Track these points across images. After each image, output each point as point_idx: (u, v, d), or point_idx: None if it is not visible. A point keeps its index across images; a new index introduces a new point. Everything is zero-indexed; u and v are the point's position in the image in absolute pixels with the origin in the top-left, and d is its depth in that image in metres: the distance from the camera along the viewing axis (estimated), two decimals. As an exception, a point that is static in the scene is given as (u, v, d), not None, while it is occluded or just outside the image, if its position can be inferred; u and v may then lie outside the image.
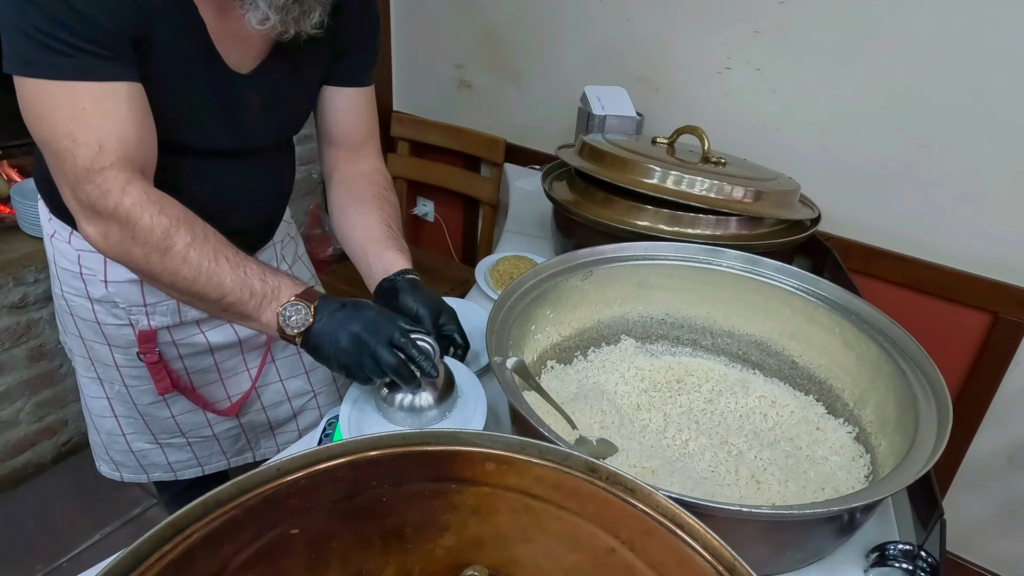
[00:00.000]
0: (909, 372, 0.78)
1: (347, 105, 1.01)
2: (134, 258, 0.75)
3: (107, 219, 0.73)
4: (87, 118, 0.70)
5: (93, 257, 0.95)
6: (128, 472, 1.17)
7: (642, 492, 0.54)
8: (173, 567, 0.46)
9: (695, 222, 1.11)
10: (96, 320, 0.99)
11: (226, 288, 0.75)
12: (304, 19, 0.78)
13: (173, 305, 0.99)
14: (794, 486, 0.77)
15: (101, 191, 0.72)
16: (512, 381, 0.73)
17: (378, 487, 0.52)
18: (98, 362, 1.04)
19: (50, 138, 0.71)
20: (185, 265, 0.74)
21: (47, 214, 0.98)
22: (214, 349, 1.07)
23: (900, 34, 1.31)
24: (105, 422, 1.11)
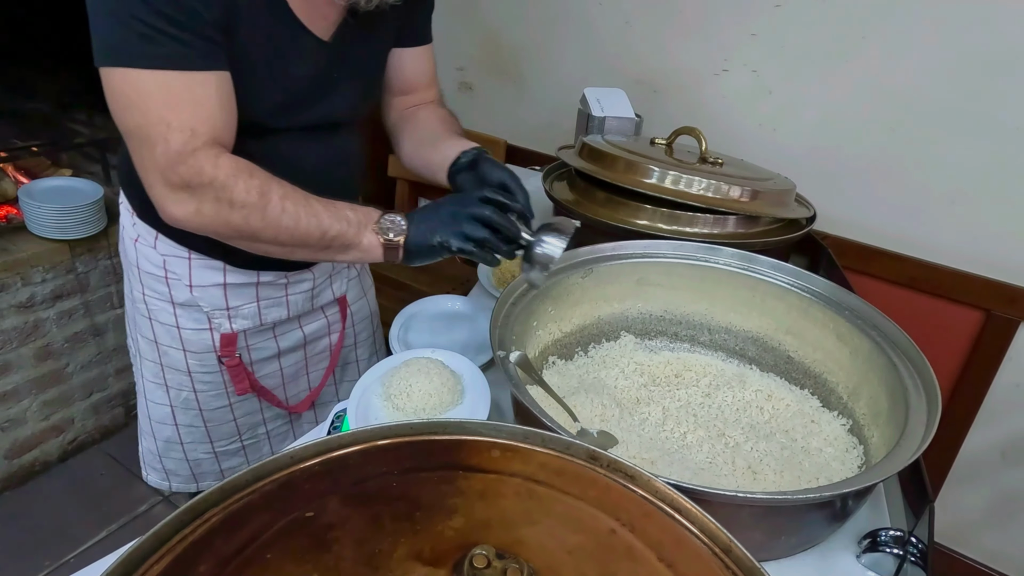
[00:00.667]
0: (900, 365, 0.80)
1: (412, 63, 1.05)
2: (233, 223, 0.77)
3: (201, 195, 0.75)
4: (181, 105, 0.72)
5: (179, 262, 0.97)
6: (178, 482, 1.18)
7: (641, 478, 0.56)
8: (194, 548, 0.48)
9: (693, 221, 1.13)
10: (176, 324, 1.01)
11: (325, 224, 0.79)
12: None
13: (254, 309, 1.02)
14: (789, 476, 0.80)
15: (194, 170, 0.73)
16: (516, 374, 0.75)
17: (388, 473, 0.55)
18: (169, 368, 1.05)
19: (143, 124, 0.72)
20: (285, 215, 0.77)
21: (131, 219, 1.00)
22: (281, 353, 1.09)
23: (892, 37, 1.34)
24: (165, 429, 1.12)
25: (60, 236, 1.68)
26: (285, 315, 1.05)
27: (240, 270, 0.98)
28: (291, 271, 1.03)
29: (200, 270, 0.97)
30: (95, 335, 1.86)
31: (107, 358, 1.91)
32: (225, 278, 0.98)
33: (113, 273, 1.84)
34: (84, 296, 1.79)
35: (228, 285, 0.99)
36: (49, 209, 1.66)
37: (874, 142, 1.42)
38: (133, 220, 0.99)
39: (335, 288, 1.12)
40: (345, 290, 1.15)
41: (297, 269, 1.04)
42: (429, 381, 0.80)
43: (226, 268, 0.98)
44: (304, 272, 1.05)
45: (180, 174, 0.74)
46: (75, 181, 1.81)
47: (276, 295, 1.03)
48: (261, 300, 1.02)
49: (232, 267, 0.98)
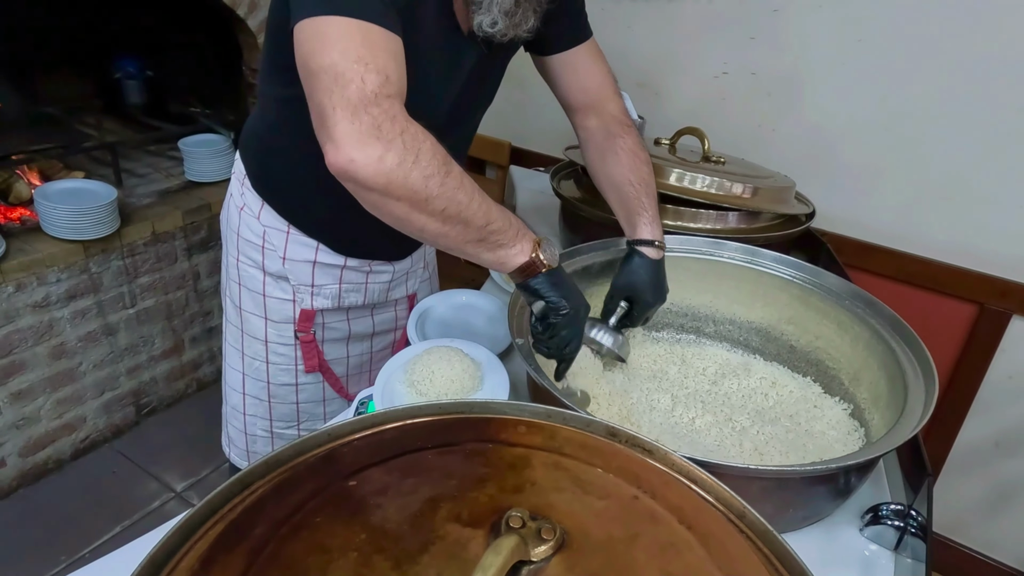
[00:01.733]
0: (898, 349, 0.84)
1: (568, 66, 1.04)
2: (411, 181, 0.72)
3: (388, 143, 0.70)
4: (377, 52, 0.71)
5: (278, 235, 1.01)
6: (235, 453, 1.22)
7: (659, 452, 0.60)
8: (247, 513, 0.51)
9: (696, 217, 1.17)
10: (263, 292, 1.05)
11: (493, 215, 0.76)
12: (523, 23, 0.83)
13: (336, 290, 1.06)
14: (794, 457, 0.83)
15: (388, 115, 0.71)
16: (534, 359, 0.79)
17: (423, 447, 0.58)
18: (248, 335, 1.10)
19: (338, 62, 0.70)
20: (461, 190, 0.74)
21: (241, 188, 1.04)
22: (351, 338, 1.13)
23: (888, 39, 1.38)
24: (233, 395, 1.16)
25: (75, 237, 1.71)
26: (361, 301, 1.09)
27: (331, 252, 1.03)
28: (375, 260, 1.07)
29: (295, 245, 1.02)
30: (108, 334, 1.89)
31: (119, 357, 1.94)
32: (316, 256, 1.03)
33: (126, 273, 1.87)
34: (97, 296, 1.82)
35: (317, 264, 1.03)
36: (64, 210, 1.69)
37: (870, 142, 1.47)
38: (243, 189, 1.04)
39: (409, 285, 1.17)
40: (416, 289, 1.19)
41: (380, 260, 1.08)
42: (451, 367, 0.83)
43: (318, 247, 1.02)
44: (386, 264, 1.10)
45: (373, 115, 0.70)
46: (89, 183, 1.84)
47: (357, 281, 1.07)
48: (344, 283, 1.06)
49: (324, 247, 1.02)
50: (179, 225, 1.97)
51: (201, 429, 2.00)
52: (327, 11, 0.71)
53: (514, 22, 0.81)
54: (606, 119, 1.05)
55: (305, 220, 1.00)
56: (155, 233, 1.91)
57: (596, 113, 1.06)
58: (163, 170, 2.17)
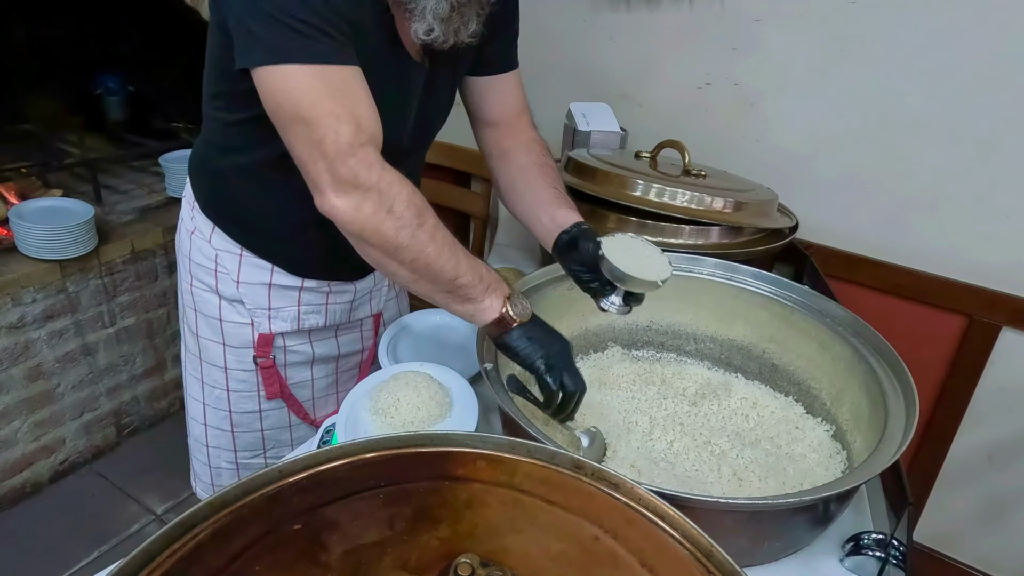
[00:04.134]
0: (880, 370, 0.82)
1: (500, 89, 1.04)
2: (384, 231, 0.75)
3: (365, 192, 0.74)
4: (342, 97, 0.73)
5: (230, 257, 0.99)
6: (201, 487, 1.20)
7: (625, 486, 0.57)
8: (183, 563, 0.49)
9: (678, 232, 1.15)
10: (219, 317, 1.03)
11: (461, 269, 0.78)
12: (463, 29, 0.82)
13: (294, 312, 1.03)
14: (774, 483, 0.81)
15: (364, 164, 0.73)
16: (502, 385, 0.76)
17: (375, 485, 0.56)
18: (207, 363, 1.07)
19: (312, 118, 0.72)
20: (432, 243, 0.76)
21: (191, 211, 1.02)
22: (315, 361, 1.10)
23: (871, 49, 1.37)
24: (195, 427, 1.14)
25: (51, 256, 1.68)
26: (322, 323, 1.07)
27: (287, 273, 1.00)
28: (334, 281, 1.05)
29: (249, 268, 1.00)
30: (86, 355, 1.86)
31: (98, 377, 1.91)
32: (272, 279, 1.00)
33: (104, 292, 1.84)
34: (75, 316, 1.79)
35: (273, 286, 1.01)
36: (39, 230, 1.66)
37: (854, 152, 1.45)
38: (192, 213, 1.02)
39: (373, 304, 1.14)
40: (381, 308, 1.16)
41: (340, 280, 1.05)
42: (417, 394, 0.81)
43: (273, 269, 1.00)
44: (347, 284, 1.07)
45: (350, 167, 0.73)
46: (65, 201, 1.81)
47: (317, 302, 1.05)
48: (302, 305, 1.04)
49: (279, 269, 1.00)
50: (159, 242, 1.94)
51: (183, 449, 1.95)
52: (281, 59, 0.71)
53: (452, 28, 0.80)
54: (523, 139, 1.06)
55: (257, 243, 0.98)
56: (134, 251, 1.88)
57: (513, 132, 1.07)
58: (146, 186, 2.14)
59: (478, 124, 1.08)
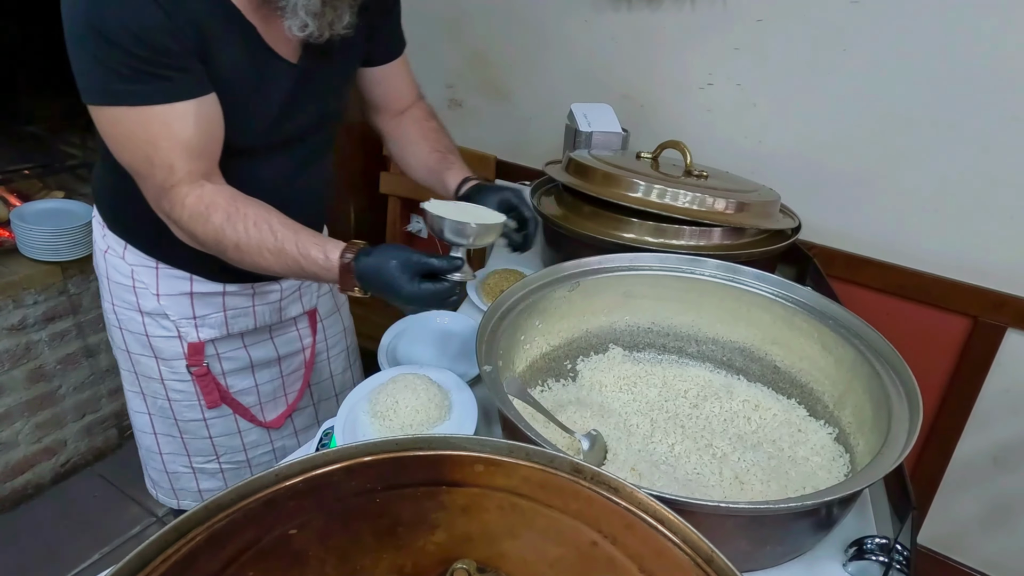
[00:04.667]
0: (883, 373, 0.81)
1: (389, 77, 1.10)
2: (206, 247, 0.85)
3: (176, 223, 0.84)
4: (159, 141, 0.78)
5: (147, 271, 1.00)
6: (162, 493, 1.19)
7: (624, 490, 0.56)
8: (177, 567, 0.48)
9: (679, 233, 1.14)
10: (145, 333, 1.03)
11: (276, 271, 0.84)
12: (337, 22, 0.85)
13: (221, 318, 1.04)
14: (776, 486, 0.80)
15: (172, 205, 0.82)
16: (501, 388, 0.76)
17: (372, 490, 0.55)
18: (143, 376, 1.07)
19: (131, 161, 0.81)
20: (240, 261, 0.84)
21: (102, 230, 1.02)
22: (255, 366, 1.10)
23: (873, 48, 1.36)
24: (145, 438, 1.14)
25: (52, 258, 1.68)
26: (252, 325, 1.07)
27: (207, 280, 1.01)
28: (257, 283, 1.05)
29: (167, 279, 1.00)
30: (88, 356, 1.86)
31: (100, 379, 1.91)
32: (192, 287, 1.01)
33: (105, 294, 1.84)
34: (76, 317, 1.79)
35: (195, 294, 1.01)
36: (40, 231, 1.66)
37: (858, 152, 1.44)
38: (103, 232, 1.02)
39: (304, 301, 1.14)
40: (315, 304, 1.16)
41: (264, 281, 1.05)
42: (416, 397, 0.80)
43: (192, 278, 1.00)
44: (271, 284, 1.07)
45: (163, 208, 0.83)
46: (67, 203, 1.81)
47: (243, 305, 1.05)
48: (228, 310, 1.04)
49: (199, 277, 1.00)
50: (161, 244, 1.94)
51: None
52: (106, 101, 0.76)
53: (326, 21, 0.83)
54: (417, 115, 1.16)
55: (170, 255, 0.99)
56: (136, 252, 1.88)
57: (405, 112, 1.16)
58: (147, 188, 2.14)
59: (374, 111, 1.15)
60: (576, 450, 0.82)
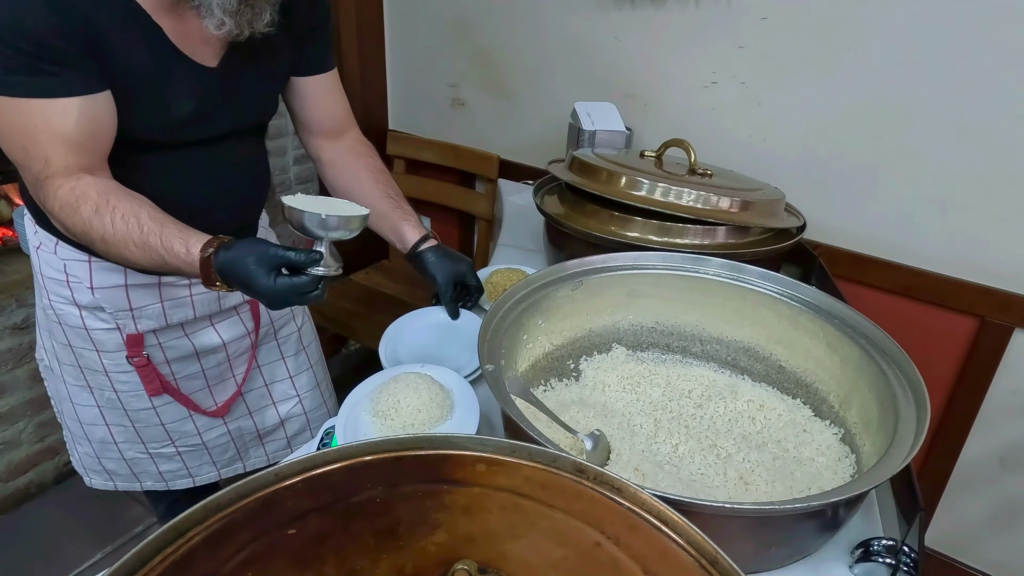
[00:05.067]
0: (889, 372, 0.80)
1: (318, 91, 1.09)
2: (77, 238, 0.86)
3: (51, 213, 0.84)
4: (37, 133, 0.79)
5: (79, 265, 0.99)
6: (121, 481, 1.19)
7: (628, 490, 0.56)
8: (175, 567, 0.48)
9: (683, 232, 1.14)
10: (84, 326, 1.02)
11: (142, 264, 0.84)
12: (256, 20, 0.85)
13: (158, 309, 1.03)
14: (781, 487, 0.79)
15: (45, 196, 0.82)
16: (503, 388, 0.75)
17: (372, 489, 0.55)
18: (87, 369, 1.07)
19: (10, 151, 0.82)
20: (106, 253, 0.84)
21: (33, 227, 1.03)
22: (200, 353, 1.10)
23: (878, 46, 1.35)
24: (97, 430, 1.13)
25: (55, 257, 1.68)
26: (192, 315, 1.07)
27: (140, 273, 1.01)
28: None
29: (101, 272, 1.00)
30: (90, 356, 1.85)
31: (103, 378, 1.91)
32: (127, 279, 1.01)
33: (108, 293, 1.84)
34: (79, 317, 1.79)
35: (130, 286, 1.01)
36: (44, 230, 1.66)
37: (863, 151, 1.43)
38: (35, 229, 1.03)
39: None
40: None
41: None
42: (418, 396, 0.80)
43: (127, 271, 1.00)
44: None
45: (38, 196, 0.84)
46: (70, 202, 1.81)
47: (180, 295, 1.05)
48: (165, 300, 1.04)
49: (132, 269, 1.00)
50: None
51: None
52: None
53: (245, 20, 0.84)
54: (350, 142, 1.16)
55: None
56: (139, 252, 1.88)
57: (340, 138, 1.15)
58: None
59: (303, 130, 1.14)
60: (579, 450, 0.81)
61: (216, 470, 1.22)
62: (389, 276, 2.23)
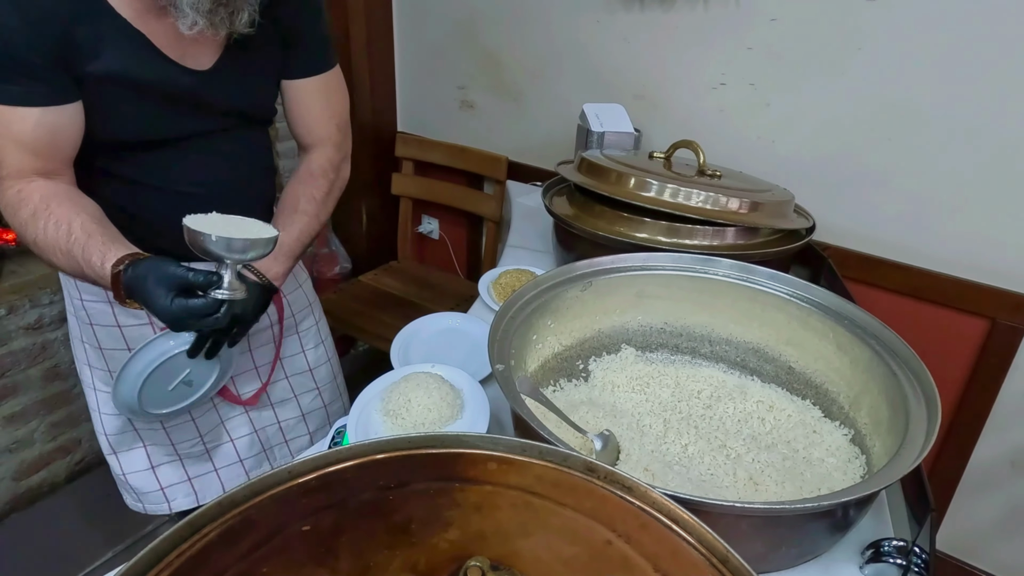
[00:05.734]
0: (900, 373, 0.80)
1: (303, 96, 1.06)
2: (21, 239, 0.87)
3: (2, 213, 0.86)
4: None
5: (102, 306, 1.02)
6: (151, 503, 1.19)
7: (639, 489, 0.56)
8: (191, 563, 0.48)
9: (692, 233, 1.14)
10: (117, 323, 1.04)
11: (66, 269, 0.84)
12: (234, 19, 0.84)
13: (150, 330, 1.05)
14: (791, 487, 0.79)
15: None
16: (513, 387, 0.75)
17: (385, 487, 0.55)
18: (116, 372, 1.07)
19: None
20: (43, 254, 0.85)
21: None
22: None
23: (888, 47, 1.35)
24: (126, 437, 1.13)
25: (68, 258, 1.70)
26: None
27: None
28: None
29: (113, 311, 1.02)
30: (102, 356, 1.87)
31: (114, 378, 1.93)
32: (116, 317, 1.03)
33: (120, 294, 1.86)
34: (91, 317, 1.81)
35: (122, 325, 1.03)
36: (57, 232, 1.68)
37: (873, 152, 1.43)
38: None
39: None
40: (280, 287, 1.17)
41: None
42: (428, 395, 0.80)
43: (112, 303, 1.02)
44: None
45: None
46: (83, 204, 1.83)
47: None
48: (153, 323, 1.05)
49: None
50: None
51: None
52: None
53: (220, 19, 0.83)
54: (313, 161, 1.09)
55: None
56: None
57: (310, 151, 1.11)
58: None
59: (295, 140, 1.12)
60: (588, 450, 0.81)
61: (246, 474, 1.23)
62: (398, 277, 2.24)
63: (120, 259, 0.80)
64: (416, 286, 2.18)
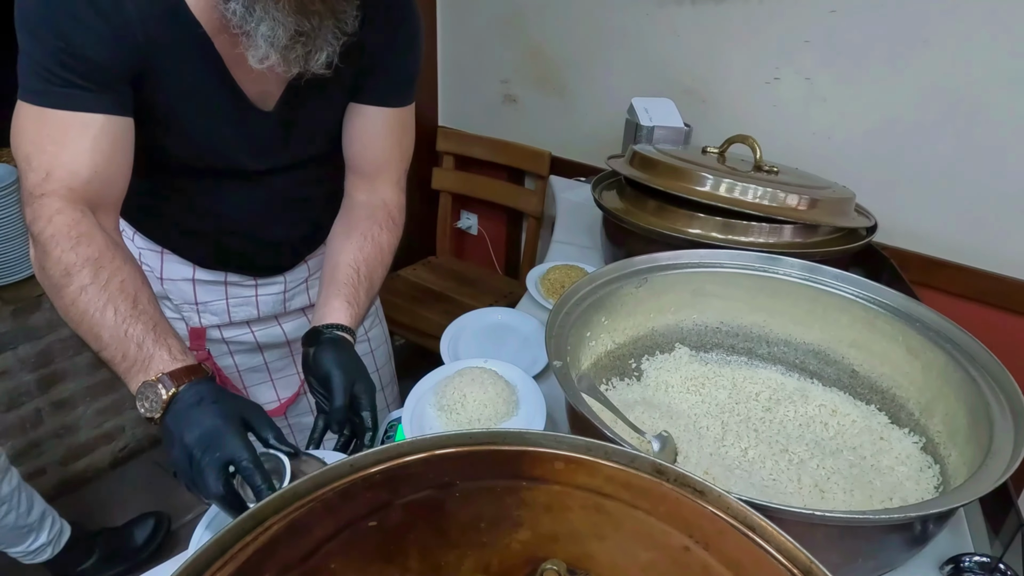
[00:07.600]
0: (980, 380, 0.76)
1: (368, 125, 0.94)
2: (41, 278, 0.74)
3: (35, 238, 0.73)
4: (46, 144, 0.72)
5: (152, 255, 1.00)
6: None
7: (712, 494, 0.53)
8: (258, 555, 0.47)
9: (748, 230, 1.10)
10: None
11: (103, 342, 0.70)
12: (311, 59, 0.75)
13: (223, 306, 1.04)
14: (860, 495, 0.76)
15: (35, 215, 0.72)
16: (573, 384, 0.73)
17: (450, 483, 0.53)
18: None
19: (16, 155, 0.75)
20: (73, 308, 0.70)
21: None
22: (263, 347, 1.10)
23: (956, 39, 1.29)
24: None
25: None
26: (255, 315, 1.06)
27: (207, 269, 1.01)
28: (259, 276, 1.05)
29: (171, 264, 1.00)
30: (147, 344, 1.90)
31: (158, 367, 1.95)
32: (194, 274, 1.01)
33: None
34: (137, 306, 1.84)
35: (197, 280, 1.01)
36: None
37: (937, 149, 1.37)
38: None
39: (311, 294, 1.11)
40: None
41: (266, 274, 1.05)
42: (484, 391, 0.78)
43: (195, 265, 1.01)
44: (275, 276, 1.06)
45: (27, 215, 0.74)
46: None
47: (245, 295, 1.04)
48: (230, 298, 1.03)
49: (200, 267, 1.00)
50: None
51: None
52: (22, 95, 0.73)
53: (296, 57, 0.73)
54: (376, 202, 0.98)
55: (175, 244, 0.98)
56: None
57: (370, 189, 0.98)
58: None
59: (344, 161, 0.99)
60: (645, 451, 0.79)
61: None
62: (436, 273, 2.23)
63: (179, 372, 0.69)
64: (455, 281, 2.17)
